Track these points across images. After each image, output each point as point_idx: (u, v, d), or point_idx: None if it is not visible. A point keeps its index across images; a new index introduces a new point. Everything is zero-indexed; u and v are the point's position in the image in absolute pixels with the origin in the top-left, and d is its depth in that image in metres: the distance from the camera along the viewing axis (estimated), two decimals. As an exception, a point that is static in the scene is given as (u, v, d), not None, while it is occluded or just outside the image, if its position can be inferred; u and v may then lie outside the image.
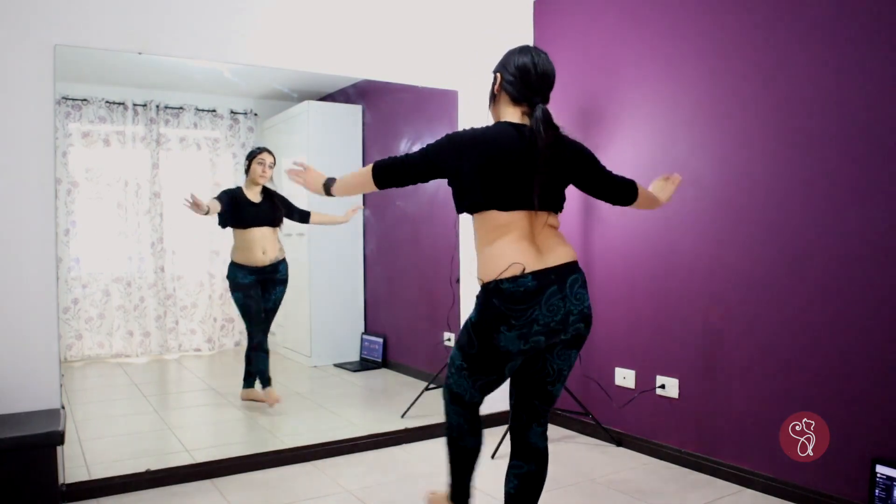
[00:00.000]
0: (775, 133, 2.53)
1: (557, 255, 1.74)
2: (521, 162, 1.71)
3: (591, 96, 3.25)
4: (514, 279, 1.68)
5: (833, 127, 2.35)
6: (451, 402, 1.91)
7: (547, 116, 1.74)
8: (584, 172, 1.88)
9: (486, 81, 1.92)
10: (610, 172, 1.95)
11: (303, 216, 3.64)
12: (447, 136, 1.79)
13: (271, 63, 2.93)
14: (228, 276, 3.54)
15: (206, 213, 3.36)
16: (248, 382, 3.56)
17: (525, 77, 1.78)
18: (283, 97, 3.77)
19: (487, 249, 1.75)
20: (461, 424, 1.92)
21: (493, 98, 1.86)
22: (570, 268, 1.75)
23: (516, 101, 1.79)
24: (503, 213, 1.73)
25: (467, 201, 1.77)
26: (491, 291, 1.71)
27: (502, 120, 1.81)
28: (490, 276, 1.72)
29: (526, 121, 1.78)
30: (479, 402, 1.91)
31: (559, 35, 3.48)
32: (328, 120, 3.96)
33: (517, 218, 1.73)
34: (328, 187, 2.01)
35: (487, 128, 1.77)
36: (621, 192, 1.98)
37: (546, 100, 1.80)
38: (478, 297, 1.78)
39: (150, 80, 3.46)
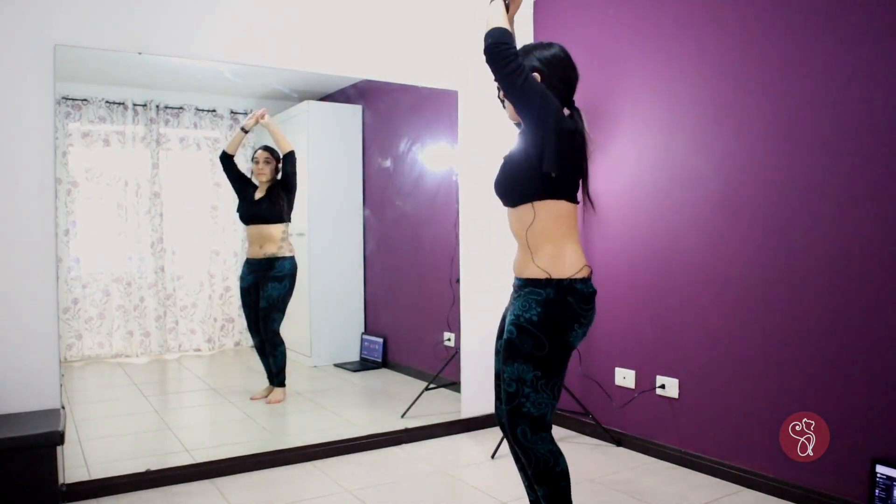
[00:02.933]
0: (776, 133, 2.53)
1: None
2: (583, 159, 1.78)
3: (591, 96, 3.25)
4: (585, 281, 1.72)
5: (834, 126, 2.35)
6: (535, 431, 1.73)
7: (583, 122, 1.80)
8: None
9: (486, 81, 1.91)
10: None
11: (285, 158, 3.57)
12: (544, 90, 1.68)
13: (271, 63, 2.93)
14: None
15: (246, 131, 3.49)
16: (268, 379, 3.64)
17: (565, 76, 1.77)
18: (283, 97, 3.76)
19: (557, 243, 1.72)
20: (551, 450, 1.75)
21: None
22: None
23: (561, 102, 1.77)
24: (569, 203, 1.75)
25: (563, 178, 1.72)
26: (566, 289, 1.69)
27: None
28: (566, 274, 1.70)
29: None
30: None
31: (559, 34, 3.47)
32: (328, 120, 3.96)
33: (574, 210, 1.76)
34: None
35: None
36: None
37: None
38: (546, 295, 1.69)
39: (150, 80, 3.46)
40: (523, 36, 3.59)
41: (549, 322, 1.68)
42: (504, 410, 1.77)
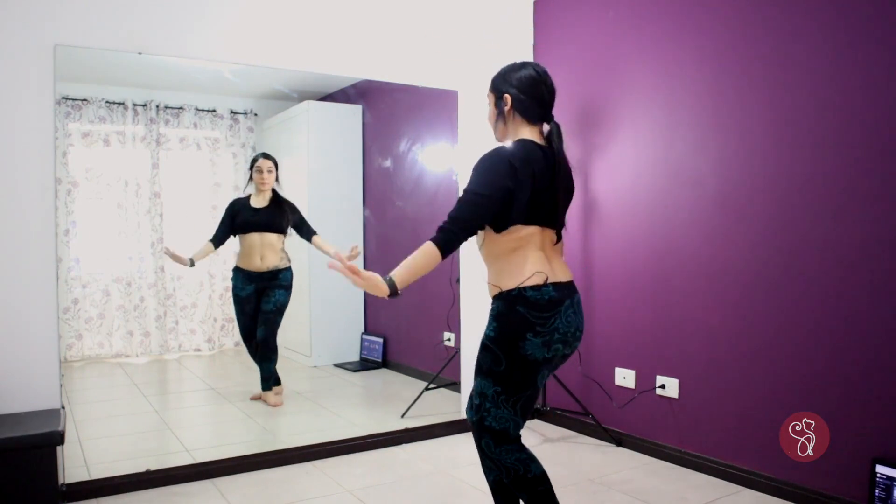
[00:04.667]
0: (775, 133, 2.53)
1: (564, 272, 1.79)
2: (547, 180, 1.73)
3: (591, 96, 3.25)
4: (537, 287, 1.69)
5: (833, 127, 2.35)
6: (498, 443, 1.74)
7: (561, 137, 1.77)
8: (569, 194, 1.86)
9: (486, 82, 1.91)
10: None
11: (309, 234, 3.61)
12: (490, 163, 1.69)
13: (271, 63, 2.93)
14: (232, 282, 3.62)
15: (192, 265, 3.45)
16: (262, 388, 3.62)
17: (537, 94, 1.77)
18: (283, 97, 3.77)
19: (506, 258, 1.73)
20: (519, 459, 1.76)
21: (502, 117, 1.81)
22: (574, 286, 1.81)
23: (532, 120, 1.78)
24: (525, 226, 1.73)
25: (511, 218, 1.71)
26: (514, 299, 1.69)
27: (521, 139, 1.76)
28: (512, 284, 1.70)
29: (540, 138, 1.79)
30: (520, 431, 1.80)
31: (559, 34, 3.48)
32: (328, 120, 3.96)
33: (534, 231, 1.74)
34: (393, 287, 1.81)
35: (524, 147, 1.72)
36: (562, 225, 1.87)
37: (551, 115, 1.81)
38: (497, 308, 1.73)
39: (150, 80, 3.46)
40: (523, 36, 3.59)
41: (502, 335, 1.70)
42: (472, 420, 1.80)
